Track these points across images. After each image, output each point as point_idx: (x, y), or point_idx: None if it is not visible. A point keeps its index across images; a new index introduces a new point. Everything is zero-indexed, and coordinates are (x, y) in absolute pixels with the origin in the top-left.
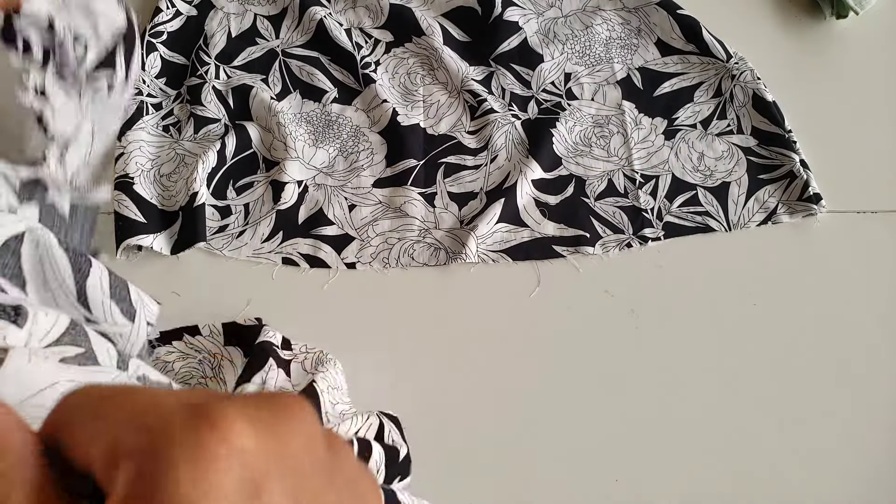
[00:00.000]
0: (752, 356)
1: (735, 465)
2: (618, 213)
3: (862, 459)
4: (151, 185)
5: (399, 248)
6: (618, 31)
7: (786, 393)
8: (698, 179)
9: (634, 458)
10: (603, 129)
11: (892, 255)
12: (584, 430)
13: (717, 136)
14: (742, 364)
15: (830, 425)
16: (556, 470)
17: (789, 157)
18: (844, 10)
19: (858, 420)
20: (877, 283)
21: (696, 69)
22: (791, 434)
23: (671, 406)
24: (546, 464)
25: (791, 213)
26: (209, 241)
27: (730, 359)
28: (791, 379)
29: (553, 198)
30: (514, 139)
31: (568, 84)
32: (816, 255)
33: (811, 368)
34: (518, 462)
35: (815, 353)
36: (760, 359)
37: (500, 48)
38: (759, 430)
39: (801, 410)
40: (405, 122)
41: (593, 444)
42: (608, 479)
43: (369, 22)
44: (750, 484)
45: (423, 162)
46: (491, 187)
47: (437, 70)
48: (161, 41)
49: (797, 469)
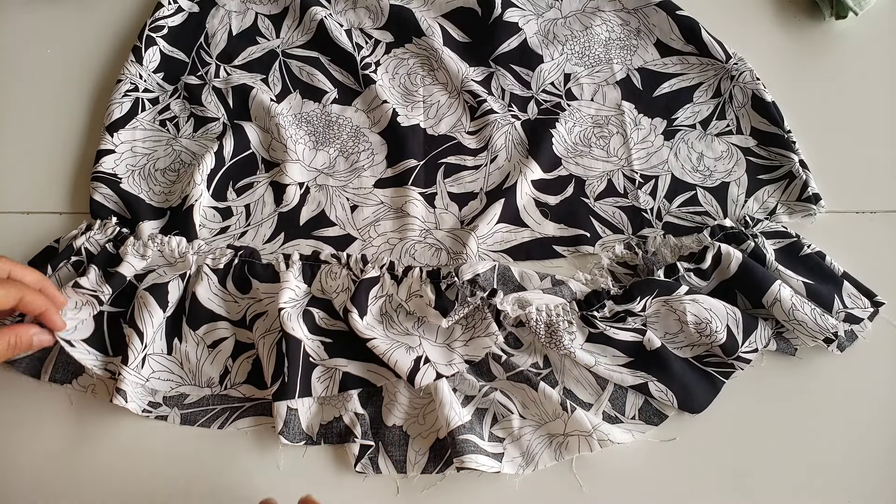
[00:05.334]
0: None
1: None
2: (617, 213)
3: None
4: (143, 181)
5: (401, 248)
6: (617, 32)
7: (784, 391)
8: (698, 179)
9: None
10: (602, 130)
11: (893, 255)
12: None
13: (717, 136)
14: None
15: (830, 426)
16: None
17: (788, 158)
18: (844, 11)
19: (858, 420)
20: (876, 283)
21: (696, 70)
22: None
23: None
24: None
25: (790, 213)
26: (210, 242)
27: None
28: (790, 379)
29: (553, 198)
30: (513, 139)
31: (567, 84)
32: None
33: (810, 368)
34: None
35: (814, 352)
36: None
37: (500, 49)
38: (753, 417)
39: (800, 409)
40: (405, 122)
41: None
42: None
43: (370, 23)
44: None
45: (424, 162)
46: (491, 187)
47: (437, 70)
48: (161, 35)
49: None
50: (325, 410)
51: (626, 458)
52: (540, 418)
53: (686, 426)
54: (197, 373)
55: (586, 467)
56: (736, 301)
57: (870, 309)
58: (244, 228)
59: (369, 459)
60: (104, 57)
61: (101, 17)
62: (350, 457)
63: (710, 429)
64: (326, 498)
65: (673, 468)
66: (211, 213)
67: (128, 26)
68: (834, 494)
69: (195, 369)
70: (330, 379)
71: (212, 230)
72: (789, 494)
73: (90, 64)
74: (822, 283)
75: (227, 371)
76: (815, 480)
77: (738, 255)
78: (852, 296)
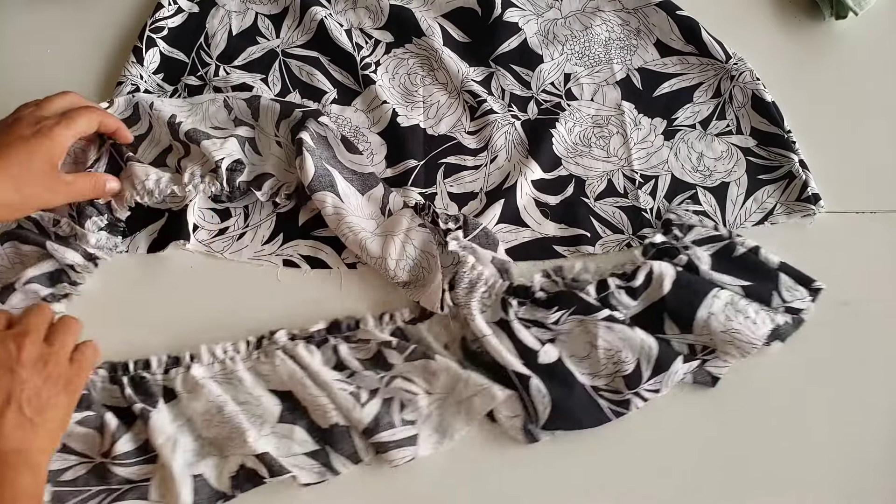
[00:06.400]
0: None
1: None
2: (617, 213)
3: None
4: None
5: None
6: (617, 32)
7: (781, 390)
8: (697, 179)
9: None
10: (602, 130)
11: (893, 255)
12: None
13: (717, 136)
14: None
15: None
16: None
17: (788, 158)
18: (844, 11)
19: (857, 420)
20: (876, 283)
21: (696, 70)
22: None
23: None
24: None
25: (789, 214)
26: (209, 243)
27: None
28: (789, 377)
29: (553, 198)
30: (513, 139)
31: (567, 84)
32: (815, 256)
33: (809, 368)
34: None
35: (813, 352)
36: (758, 358)
37: (500, 49)
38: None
39: (797, 408)
40: (405, 123)
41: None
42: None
43: (370, 23)
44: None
45: (424, 162)
46: (491, 188)
47: (437, 70)
48: (161, 36)
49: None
50: (230, 462)
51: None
52: (444, 389)
53: (682, 424)
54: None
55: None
56: (664, 326)
57: (808, 299)
58: (243, 230)
59: (323, 465)
60: (104, 57)
61: (101, 17)
62: (297, 483)
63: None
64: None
65: (672, 468)
66: (209, 214)
67: (128, 26)
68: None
69: None
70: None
71: (210, 231)
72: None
73: (90, 64)
74: (759, 283)
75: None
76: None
77: (670, 273)
78: (790, 288)
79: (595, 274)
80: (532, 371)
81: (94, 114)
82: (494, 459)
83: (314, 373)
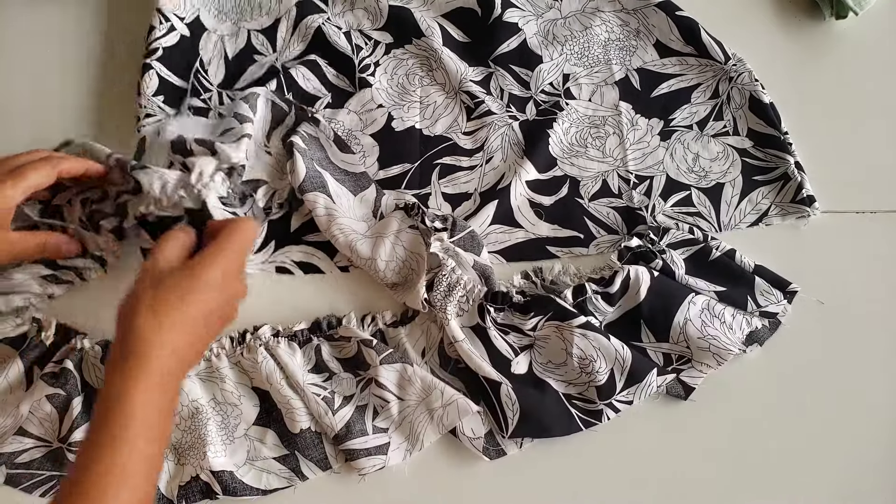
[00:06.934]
0: (749, 355)
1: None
2: (612, 214)
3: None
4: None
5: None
6: (616, 33)
7: (781, 391)
8: (692, 180)
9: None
10: (599, 130)
11: (893, 255)
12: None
13: (713, 137)
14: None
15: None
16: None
17: (784, 160)
18: (844, 11)
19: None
20: (876, 283)
21: (695, 71)
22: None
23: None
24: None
25: (783, 215)
26: None
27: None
28: (788, 377)
29: (547, 198)
30: (510, 140)
31: (566, 85)
32: (815, 256)
33: (808, 367)
34: None
35: (813, 352)
36: (757, 357)
37: (500, 49)
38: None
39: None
40: (400, 126)
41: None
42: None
43: (368, 24)
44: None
45: (419, 163)
46: (485, 188)
47: (436, 71)
48: (157, 58)
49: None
50: (184, 471)
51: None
52: (418, 395)
53: (682, 423)
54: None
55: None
56: (640, 334)
57: (783, 302)
58: None
59: (291, 470)
60: (104, 57)
61: (101, 17)
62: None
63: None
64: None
65: (671, 467)
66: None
67: (128, 26)
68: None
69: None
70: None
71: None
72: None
73: (90, 64)
74: (734, 287)
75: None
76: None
77: (646, 279)
78: (765, 292)
79: (574, 276)
80: (503, 377)
81: (47, 166)
82: (464, 469)
83: (291, 374)
